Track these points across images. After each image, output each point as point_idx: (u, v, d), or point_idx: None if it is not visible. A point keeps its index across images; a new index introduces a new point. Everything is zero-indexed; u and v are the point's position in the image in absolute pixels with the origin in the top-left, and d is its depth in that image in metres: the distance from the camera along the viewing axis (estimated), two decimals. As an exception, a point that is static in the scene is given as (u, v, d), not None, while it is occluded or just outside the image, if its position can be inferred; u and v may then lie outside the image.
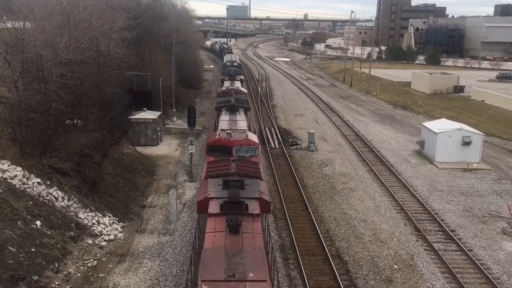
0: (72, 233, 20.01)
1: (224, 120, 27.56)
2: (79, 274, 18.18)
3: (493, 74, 79.45)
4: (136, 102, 37.20)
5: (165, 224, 23.57)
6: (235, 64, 63.44)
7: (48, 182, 21.60)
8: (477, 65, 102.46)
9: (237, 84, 45.24)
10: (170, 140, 38.58)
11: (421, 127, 38.79)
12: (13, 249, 16.94)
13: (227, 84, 44.84)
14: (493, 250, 21.98)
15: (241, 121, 27.30)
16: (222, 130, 23.94)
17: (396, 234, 23.22)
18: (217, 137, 22.92)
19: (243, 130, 24.32)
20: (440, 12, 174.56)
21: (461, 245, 22.04)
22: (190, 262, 16.27)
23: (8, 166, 21.04)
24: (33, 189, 20.61)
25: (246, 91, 43.22)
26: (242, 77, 55.10)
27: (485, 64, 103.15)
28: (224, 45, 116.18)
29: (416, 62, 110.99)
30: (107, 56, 31.63)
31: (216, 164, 19.30)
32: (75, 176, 23.32)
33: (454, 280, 19.19)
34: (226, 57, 74.00)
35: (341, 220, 24.66)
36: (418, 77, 66.86)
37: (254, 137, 23.72)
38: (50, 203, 20.65)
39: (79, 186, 22.96)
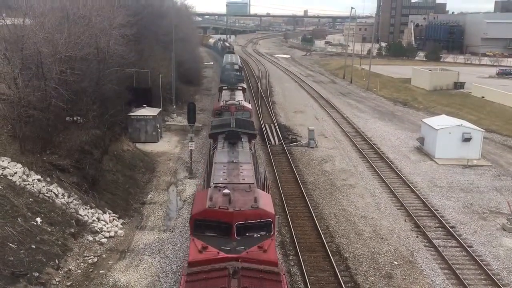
0: (72, 230, 20.03)
1: (220, 163, 18.57)
2: (79, 271, 18.22)
3: (493, 71, 79.37)
4: (136, 99, 37.19)
5: (165, 220, 23.59)
6: (236, 67, 52.98)
7: (48, 179, 21.61)
8: (477, 62, 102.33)
9: (239, 95, 36.63)
10: (170, 137, 38.58)
11: (421, 123, 38.76)
12: (13, 246, 16.97)
13: (225, 96, 36.35)
14: (493, 246, 22.01)
15: (246, 165, 18.40)
16: (216, 187, 15.43)
17: (396, 231, 23.24)
18: (208, 204, 14.31)
19: (250, 186, 15.68)
20: (440, 8, 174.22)
21: (461, 241, 22.07)
22: None
23: (8, 163, 21.04)
24: (33, 186, 20.63)
25: (250, 106, 34.20)
26: (245, 85, 44.99)
27: (485, 60, 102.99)
28: (225, 43, 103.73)
29: (416, 58, 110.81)
30: (106, 52, 31.60)
31: (204, 277, 11.48)
32: (75, 173, 23.34)
33: (454, 276, 19.22)
34: (226, 58, 62.95)
35: (341, 217, 24.69)
36: (418, 73, 66.79)
37: (267, 201, 15.25)
38: (50, 200, 20.66)
39: (79, 183, 22.97)
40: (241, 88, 40.29)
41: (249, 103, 36.48)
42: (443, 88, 61.59)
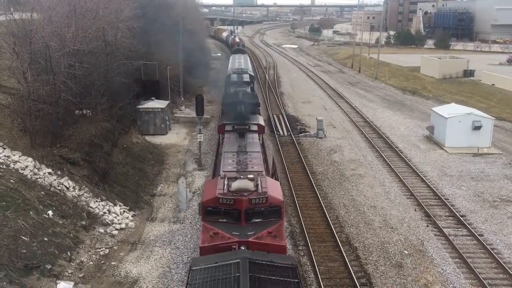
0: (83, 222, 20.22)
1: None
2: (91, 263, 18.41)
3: (504, 58, 78.45)
4: (144, 91, 37.28)
5: (175, 212, 23.73)
6: (246, 79, 34.39)
7: (59, 172, 21.80)
8: (487, 49, 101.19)
9: (254, 154, 19.27)
10: (178, 129, 38.68)
11: (430, 112, 38.49)
12: (26, 239, 17.17)
13: (228, 158, 18.74)
14: (504, 235, 21.90)
15: None
16: None
17: (406, 220, 23.19)
18: None
19: None
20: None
21: (472, 230, 21.98)
22: None
23: (19, 157, 21.24)
24: (44, 179, 20.82)
25: (280, 192, 16.27)
26: (262, 120, 24.66)
27: (495, 47, 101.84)
28: (235, 38, 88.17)
29: (425, 46, 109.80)
30: (114, 45, 31.63)
31: None
32: (86, 166, 23.51)
33: (465, 265, 19.18)
34: (232, 61, 45.70)
35: (351, 207, 24.67)
36: (427, 61, 66.20)
37: None
38: (62, 193, 20.85)
39: (89, 175, 23.15)
40: (256, 127, 22.64)
41: (277, 178, 19.76)
42: (452, 76, 61.03)
